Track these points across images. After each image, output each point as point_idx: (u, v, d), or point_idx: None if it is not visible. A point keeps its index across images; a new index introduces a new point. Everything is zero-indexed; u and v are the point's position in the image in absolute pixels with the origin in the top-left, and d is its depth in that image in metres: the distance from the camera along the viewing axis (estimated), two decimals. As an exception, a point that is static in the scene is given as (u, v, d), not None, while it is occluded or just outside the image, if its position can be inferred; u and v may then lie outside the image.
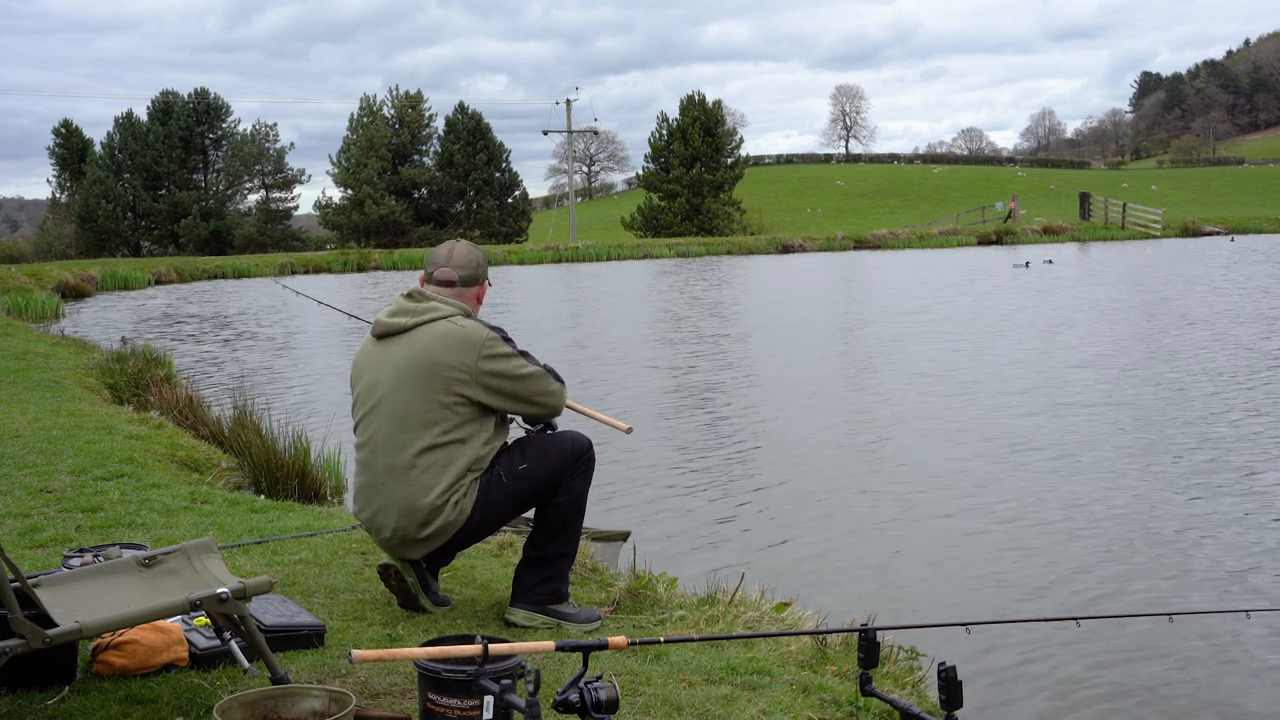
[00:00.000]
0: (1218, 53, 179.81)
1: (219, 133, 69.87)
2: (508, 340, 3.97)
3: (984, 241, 51.24)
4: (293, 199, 71.25)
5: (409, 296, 4.03)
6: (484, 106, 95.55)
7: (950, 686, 2.96)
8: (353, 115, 69.01)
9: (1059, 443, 9.41)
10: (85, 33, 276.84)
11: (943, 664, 2.99)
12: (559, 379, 4.06)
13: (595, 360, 15.49)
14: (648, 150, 69.82)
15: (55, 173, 69.63)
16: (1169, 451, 9.02)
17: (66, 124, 69.71)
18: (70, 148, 68.84)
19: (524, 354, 3.99)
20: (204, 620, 3.63)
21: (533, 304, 26.05)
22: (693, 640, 3.45)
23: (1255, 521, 7.11)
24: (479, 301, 4.11)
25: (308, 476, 7.55)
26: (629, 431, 4.42)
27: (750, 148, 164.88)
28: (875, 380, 13.24)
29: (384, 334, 4.01)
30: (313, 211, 70.07)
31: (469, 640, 2.93)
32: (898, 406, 11.41)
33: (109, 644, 3.39)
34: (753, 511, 7.72)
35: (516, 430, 4.17)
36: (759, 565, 6.34)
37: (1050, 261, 33.76)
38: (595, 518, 6.13)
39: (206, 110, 69.16)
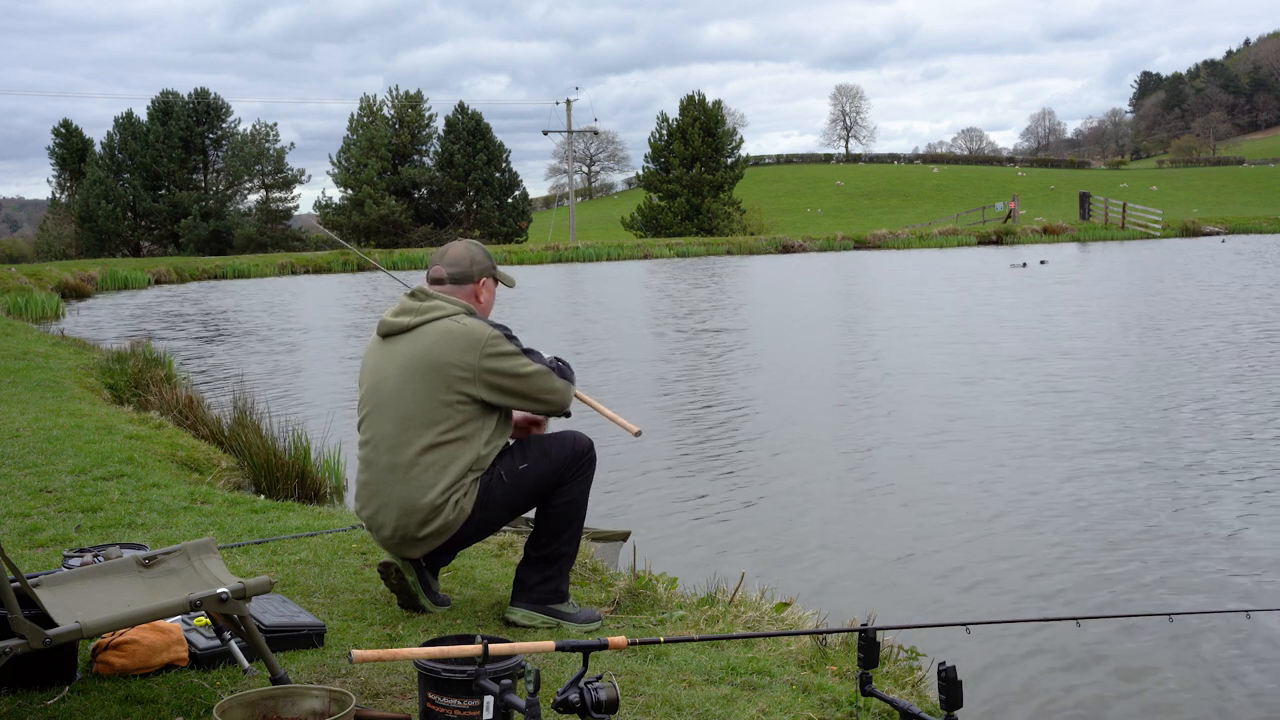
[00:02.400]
0: (1218, 53, 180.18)
1: (219, 133, 69.86)
2: (511, 338, 3.95)
3: (984, 241, 51.29)
4: (293, 199, 71.37)
5: (413, 295, 4.03)
6: (484, 107, 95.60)
7: (950, 686, 2.96)
8: (353, 115, 69.18)
9: (1058, 442, 9.41)
10: (87, 33, 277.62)
11: (943, 664, 2.99)
12: (567, 375, 4.05)
13: (594, 360, 15.48)
14: (648, 150, 69.96)
15: (55, 173, 69.64)
16: (1169, 451, 9.01)
17: (66, 124, 69.66)
18: (70, 148, 68.79)
19: (529, 351, 3.98)
20: (204, 620, 3.63)
21: (532, 303, 26.03)
22: (693, 640, 3.45)
23: (1256, 521, 7.11)
24: (478, 300, 4.09)
25: (308, 476, 7.56)
26: (638, 434, 4.35)
27: (750, 148, 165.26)
28: (875, 380, 13.23)
29: (388, 333, 4.01)
30: (313, 211, 70.12)
31: (469, 640, 2.92)
32: (898, 406, 11.41)
33: (109, 644, 3.39)
34: (753, 511, 7.71)
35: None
36: (759, 565, 6.34)
37: (1045, 262, 34.02)
38: (595, 518, 6.13)
39: (207, 110, 69.14)
